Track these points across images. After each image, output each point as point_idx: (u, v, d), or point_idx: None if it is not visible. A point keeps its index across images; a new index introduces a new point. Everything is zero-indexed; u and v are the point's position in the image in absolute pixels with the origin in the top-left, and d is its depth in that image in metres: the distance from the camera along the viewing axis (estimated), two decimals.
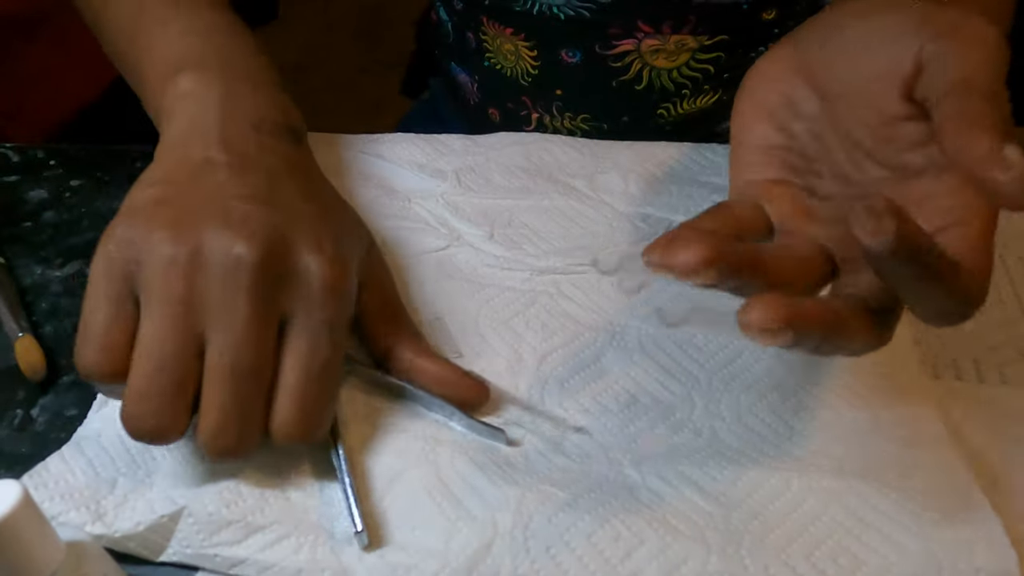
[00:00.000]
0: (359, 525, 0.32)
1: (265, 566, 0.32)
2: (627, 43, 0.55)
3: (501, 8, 0.57)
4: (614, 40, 0.55)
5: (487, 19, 0.58)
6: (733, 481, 0.34)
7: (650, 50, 0.55)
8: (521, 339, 0.40)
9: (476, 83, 0.63)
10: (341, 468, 0.34)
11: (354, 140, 0.53)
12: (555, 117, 0.60)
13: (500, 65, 0.60)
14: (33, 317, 0.44)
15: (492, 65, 0.60)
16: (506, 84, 0.60)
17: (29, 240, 0.49)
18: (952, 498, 0.33)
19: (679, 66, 0.56)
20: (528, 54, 0.57)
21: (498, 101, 0.62)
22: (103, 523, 0.33)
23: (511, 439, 0.36)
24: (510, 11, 0.56)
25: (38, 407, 0.39)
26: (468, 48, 0.61)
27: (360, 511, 0.33)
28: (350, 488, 0.33)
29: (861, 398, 0.37)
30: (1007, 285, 0.42)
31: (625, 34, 0.54)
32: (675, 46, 0.54)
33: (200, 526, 0.33)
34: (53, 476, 0.34)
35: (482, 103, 0.63)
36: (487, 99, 0.63)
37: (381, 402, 0.38)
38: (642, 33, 0.54)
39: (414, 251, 0.45)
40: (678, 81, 0.56)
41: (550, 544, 0.32)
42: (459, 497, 0.34)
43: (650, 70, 0.56)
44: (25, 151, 0.55)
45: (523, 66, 0.58)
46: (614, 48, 0.55)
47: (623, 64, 0.56)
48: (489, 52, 0.60)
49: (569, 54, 0.56)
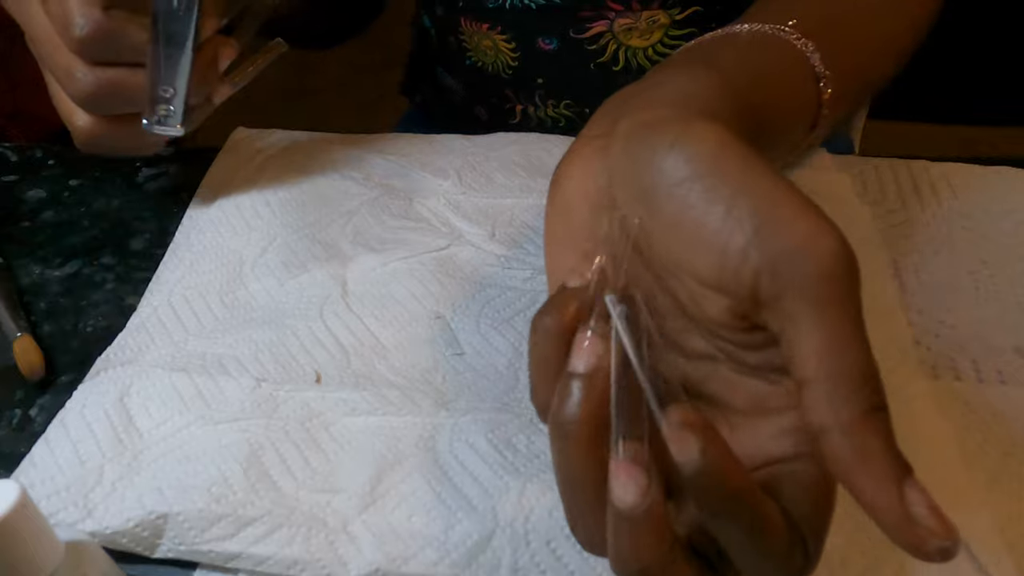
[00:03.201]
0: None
1: (260, 560, 0.32)
2: (600, 24, 0.56)
3: (476, 7, 0.59)
4: (587, 23, 0.56)
5: (464, 20, 0.60)
6: None
7: (623, 29, 0.56)
8: (522, 338, 0.40)
9: (461, 84, 0.64)
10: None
11: (354, 140, 0.53)
12: (538, 107, 0.61)
13: (481, 62, 0.61)
14: (32, 317, 0.44)
15: (474, 63, 0.62)
16: (488, 80, 0.62)
17: (28, 240, 0.49)
18: (950, 498, 0.33)
19: (653, 44, 0.57)
20: (506, 47, 0.59)
21: (483, 98, 0.64)
22: (93, 519, 0.33)
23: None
24: (484, 8, 0.58)
25: (36, 407, 0.39)
26: (450, 50, 0.63)
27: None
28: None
29: None
30: (1008, 285, 0.42)
31: (597, 16, 0.56)
32: (647, 23, 0.56)
33: (191, 523, 0.33)
34: (40, 474, 0.34)
35: (468, 103, 0.65)
36: (472, 98, 0.64)
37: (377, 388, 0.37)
38: (613, 12, 0.56)
39: (416, 250, 0.45)
40: (654, 59, 0.57)
41: (551, 537, 0.32)
42: (459, 486, 0.34)
43: (625, 50, 0.57)
44: (24, 151, 0.55)
45: (503, 59, 0.60)
46: (588, 30, 0.57)
47: (599, 46, 0.57)
48: (469, 51, 0.61)
49: (546, 41, 0.58)
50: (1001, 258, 0.43)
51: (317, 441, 0.35)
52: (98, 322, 0.43)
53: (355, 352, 0.40)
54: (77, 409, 0.37)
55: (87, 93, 0.41)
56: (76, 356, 0.42)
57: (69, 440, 0.35)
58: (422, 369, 0.39)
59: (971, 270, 0.43)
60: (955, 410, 0.37)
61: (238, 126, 0.55)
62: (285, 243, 0.46)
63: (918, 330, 0.40)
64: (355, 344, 0.40)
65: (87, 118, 0.42)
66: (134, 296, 0.44)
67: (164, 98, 0.41)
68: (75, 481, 0.34)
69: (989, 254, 0.44)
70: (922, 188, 0.48)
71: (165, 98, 0.41)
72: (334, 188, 0.50)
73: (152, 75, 0.41)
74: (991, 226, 0.45)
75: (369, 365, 0.39)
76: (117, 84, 0.41)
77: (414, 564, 0.31)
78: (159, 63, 0.40)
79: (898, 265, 0.43)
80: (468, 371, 0.39)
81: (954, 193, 0.47)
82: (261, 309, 0.42)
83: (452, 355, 0.40)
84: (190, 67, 0.41)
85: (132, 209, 0.51)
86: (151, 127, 0.41)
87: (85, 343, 0.42)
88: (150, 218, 0.50)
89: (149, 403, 0.37)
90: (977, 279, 0.42)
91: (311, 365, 0.39)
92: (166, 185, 0.52)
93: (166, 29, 0.39)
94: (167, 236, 0.47)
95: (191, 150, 0.55)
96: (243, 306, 0.42)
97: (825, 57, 0.36)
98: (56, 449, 0.35)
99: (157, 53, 0.40)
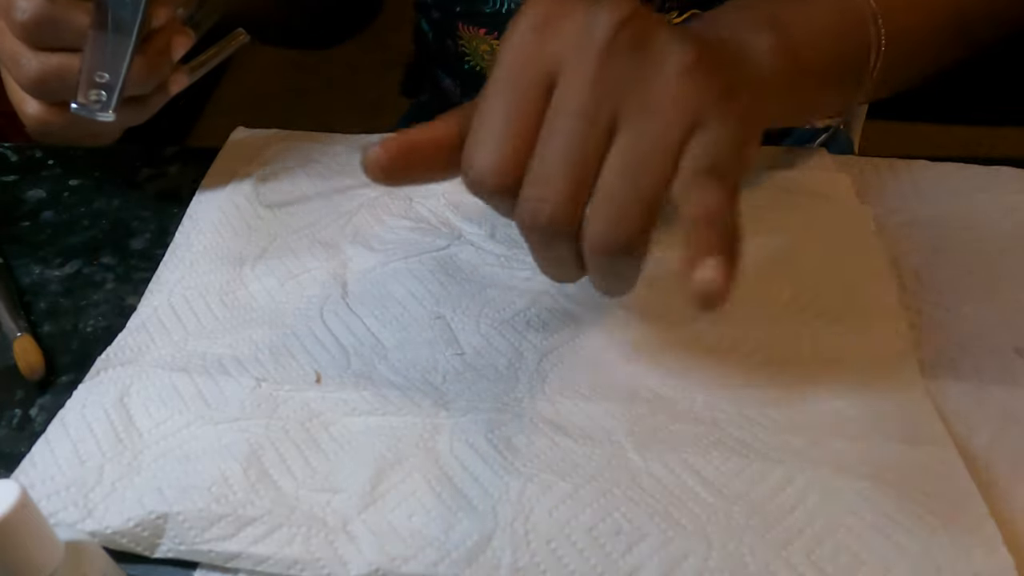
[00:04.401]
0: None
1: (260, 559, 0.32)
2: None
3: (473, 12, 0.58)
4: None
5: (462, 24, 0.60)
6: (736, 472, 0.34)
7: None
8: (523, 337, 0.40)
9: (459, 87, 0.64)
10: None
11: (354, 140, 0.53)
12: None
13: (479, 66, 0.61)
14: (31, 317, 0.44)
15: (472, 67, 0.61)
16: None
17: (28, 240, 0.49)
18: (951, 499, 0.33)
19: None
20: None
21: None
22: (93, 519, 0.33)
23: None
24: (481, 13, 0.58)
25: (36, 407, 0.39)
26: (449, 54, 0.63)
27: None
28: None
29: (861, 396, 0.37)
30: (1008, 285, 0.42)
31: None
32: None
33: (191, 522, 0.33)
34: (40, 474, 0.34)
35: None
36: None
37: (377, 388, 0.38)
38: None
39: (416, 250, 0.45)
40: None
41: (551, 537, 0.32)
42: (459, 486, 0.34)
43: None
44: (24, 150, 0.55)
45: None
46: None
47: None
48: (467, 55, 0.61)
49: None
50: (1001, 258, 0.43)
51: (317, 441, 0.35)
52: (98, 322, 0.43)
53: (355, 352, 0.40)
54: (77, 409, 0.37)
55: (31, 79, 0.41)
56: (76, 356, 0.42)
57: (69, 440, 0.35)
58: (422, 369, 0.39)
59: (971, 270, 0.43)
60: (955, 409, 0.37)
61: (238, 126, 0.55)
62: (285, 243, 0.46)
63: (918, 330, 0.40)
64: (355, 344, 0.40)
65: (36, 105, 0.43)
66: (134, 296, 0.44)
67: (98, 83, 0.41)
68: (75, 481, 0.34)
69: (989, 254, 0.44)
70: (922, 188, 0.48)
71: (99, 83, 0.41)
72: (334, 188, 0.50)
73: (89, 59, 0.40)
74: (991, 226, 0.45)
75: (369, 365, 0.39)
76: (62, 69, 0.41)
77: (414, 564, 0.31)
78: (98, 48, 0.40)
79: (898, 265, 0.43)
80: (468, 371, 0.39)
81: (954, 193, 0.47)
82: (261, 309, 0.42)
83: (452, 355, 0.40)
84: (130, 55, 0.41)
85: (132, 209, 0.51)
86: (80, 110, 0.41)
87: (85, 343, 0.42)
88: (150, 218, 0.50)
89: (149, 403, 0.37)
90: (977, 279, 0.42)
91: (311, 365, 0.39)
92: (166, 185, 0.52)
93: (112, 15, 0.39)
94: (167, 236, 0.47)
95: (191, 150, 0.55)
96: (243, 306, 0.42)
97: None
98: (56, 449, 0.35)
99: (97, 38, 0.40)
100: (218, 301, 0.43)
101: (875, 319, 0.40)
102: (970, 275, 0.43)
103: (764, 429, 0.36)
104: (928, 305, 0.41)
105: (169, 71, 0.45)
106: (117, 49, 0.40)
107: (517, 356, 0.39)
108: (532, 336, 0.40)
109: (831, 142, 0.66)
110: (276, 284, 0.44)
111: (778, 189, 0.47)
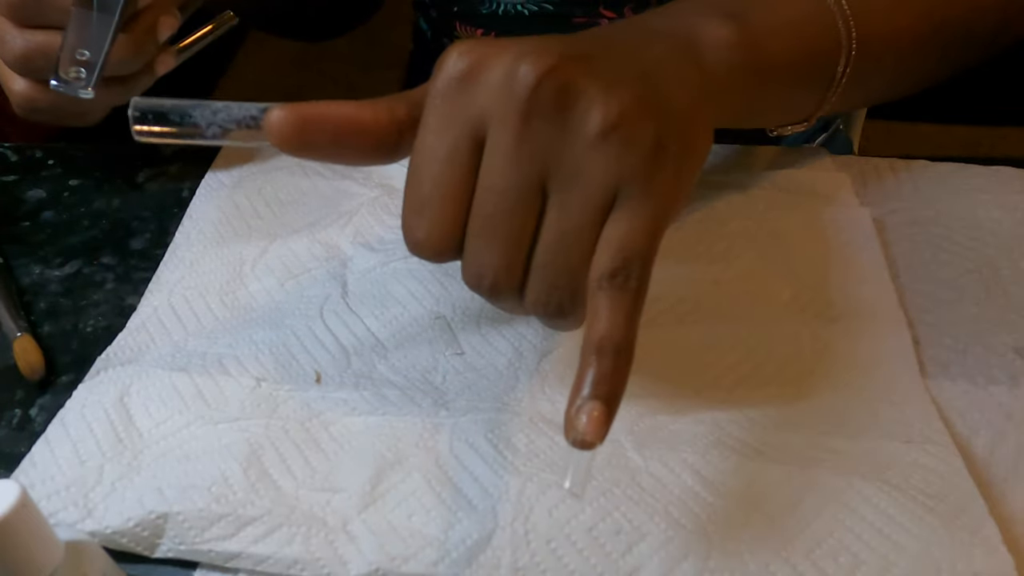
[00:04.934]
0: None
1: (260, 559, 0.32)
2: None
3: (470, 12, 0.59)
4: (580, 28, 0.56)
5: (459, 24, 0.60)
6: (735, 471, 0.34)
7: None
8: (523, 337, 0.40)
9: None
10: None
11: None
12: None
13: None
14: (31, 317, 0.44)
15: None
16: None
17: (28, 240, 0.49)
18: (951, 499, 0.33)
19: None
20: None
21: None
22: (93, 519, 0.33)
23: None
24: (478, 13, 0.58)
25: (36, 407, 0.39)
26: None
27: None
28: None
29: (860, 396, 0.37)
30: (1008, 285, 0.42)
31: (590, 21, 0.56)
32: None
33: (191, 522, 0.33)
34: (40, 474, 0.34)
35: None
36: None
37: (377, 388, 0.38)
38: (605, 20, 0.55)
39: None
40: None
41: (551, 537, 0.32)
42: (459, 485, 0.34)
43: None
44: (24, 150, 0.55)
45: None
46: None
47: None
48: None
49: None
50: (1001, 258, 0.43)
51: (317, 441, 0.35)
52: (98, 322, 0.43)
53: (355, 352, 0.40)
54: (77, 409, 0.37)
55: (17, 56, 0.41)
56: (76, 356, 0.42)
57: (69, 440, 0.35)
58: (422, 369, 0.39)
59: (971, 270, 0.43)
60: (956, 410, 0.37)
61: None
62: (285, 243, 0.46)
63: (918, 330, 0.40)
64: (355, 344, 0.40)
65: (24, 83, 0.43)
66: (134, 296, 0.44)
67: (78, 60, 0.41)
68: (75, 481, 0.34)
69: (989, 254, 0.44)
70: (922, 188, 0.48)
71: (79, 60, 0.41)
72: (334, 188, 0.50)
73: (71, 36, 0.41)
74: (991, 226, 0.45)
75: (369, 365, 0.39)
76: (47, 47, 0.41)
77: (414, 564, 0.31)
78: (81, 25, 0.41)
79: (898, 265, 0.43)
80: (468, 371, 0.39)
81: (954, 193, 0.47)
82: (261, 309, 0.42)
83: (452, 355, 0.40)
84: (112, 33, 0.41)
85: (132, 209, 0.51)
86: (59, 86, 0.41)
87: (85, 343, 0.42)
88: (150, 218, 0.50)
89: (149, 403, 0.37)
90: (977, 279, 0.42)
91: (311, 365, 0.39)
92: (166, 185, 0.52)
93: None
94: (167, 236, 0.47)
95: (191, 150, 0.55)
96: (243, 306, 0.43)
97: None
98: (56, 449, 0.35)
99: (81, 15, 0.40)
100: (218, 301, 0.43)
101: (875, 319, 0.40)
102: (970, 275, 0.43)
103: (764, 428, 0.36)
104: (928, 305, 0.41)
105: (155, 51, 0.45)
106: (100, 27, 0.41)
107: (517, 356, 0.39)
108: (532, 336, 0.40)
109: (831, 142, 0.66)
110: (276, 284, 0.44)
111: (778, 189, 0.48)
